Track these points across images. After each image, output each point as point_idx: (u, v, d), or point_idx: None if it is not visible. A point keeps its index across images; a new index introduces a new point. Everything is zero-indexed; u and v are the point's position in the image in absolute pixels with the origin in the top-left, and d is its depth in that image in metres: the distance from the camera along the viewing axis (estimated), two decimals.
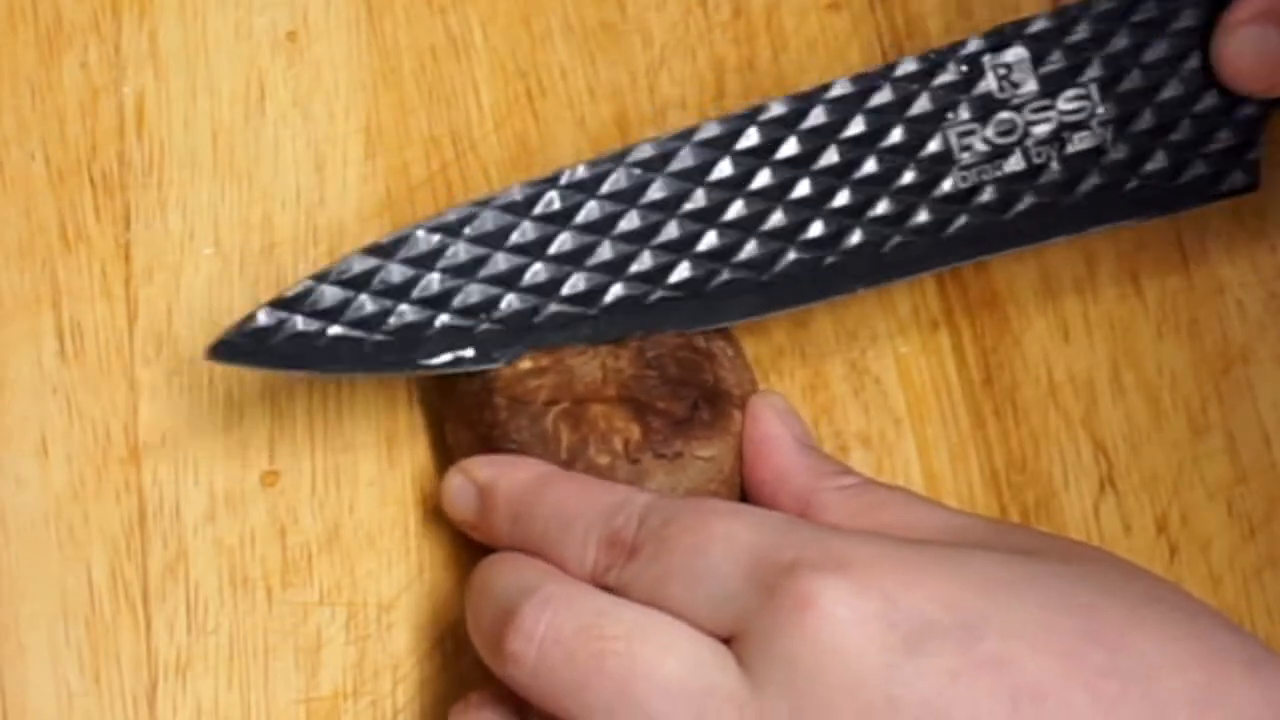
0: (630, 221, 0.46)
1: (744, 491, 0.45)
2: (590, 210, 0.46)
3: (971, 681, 0.37)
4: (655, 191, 0.46)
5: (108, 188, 0.49)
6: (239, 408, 0.48)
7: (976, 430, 0.48)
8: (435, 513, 0.47)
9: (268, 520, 0.47)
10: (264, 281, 0.49)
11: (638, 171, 0.46)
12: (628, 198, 0.46)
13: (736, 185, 0.46)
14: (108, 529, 0.47)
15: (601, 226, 0.46)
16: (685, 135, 0.46)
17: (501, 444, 0.44)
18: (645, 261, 0.46)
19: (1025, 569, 0.40)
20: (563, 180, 0.46)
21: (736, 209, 0.46)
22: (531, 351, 0.45)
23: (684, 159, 0.46)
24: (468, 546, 0.47)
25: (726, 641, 0.39)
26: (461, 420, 0.46)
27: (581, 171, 0.46)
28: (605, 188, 0.46)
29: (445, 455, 0.47)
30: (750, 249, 0.46)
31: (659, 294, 0.46)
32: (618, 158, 0.46)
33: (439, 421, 0.47)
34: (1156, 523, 0.47)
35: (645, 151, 0.46)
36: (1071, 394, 0.48)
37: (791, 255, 0.46)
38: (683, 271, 0.46)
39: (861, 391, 0.48)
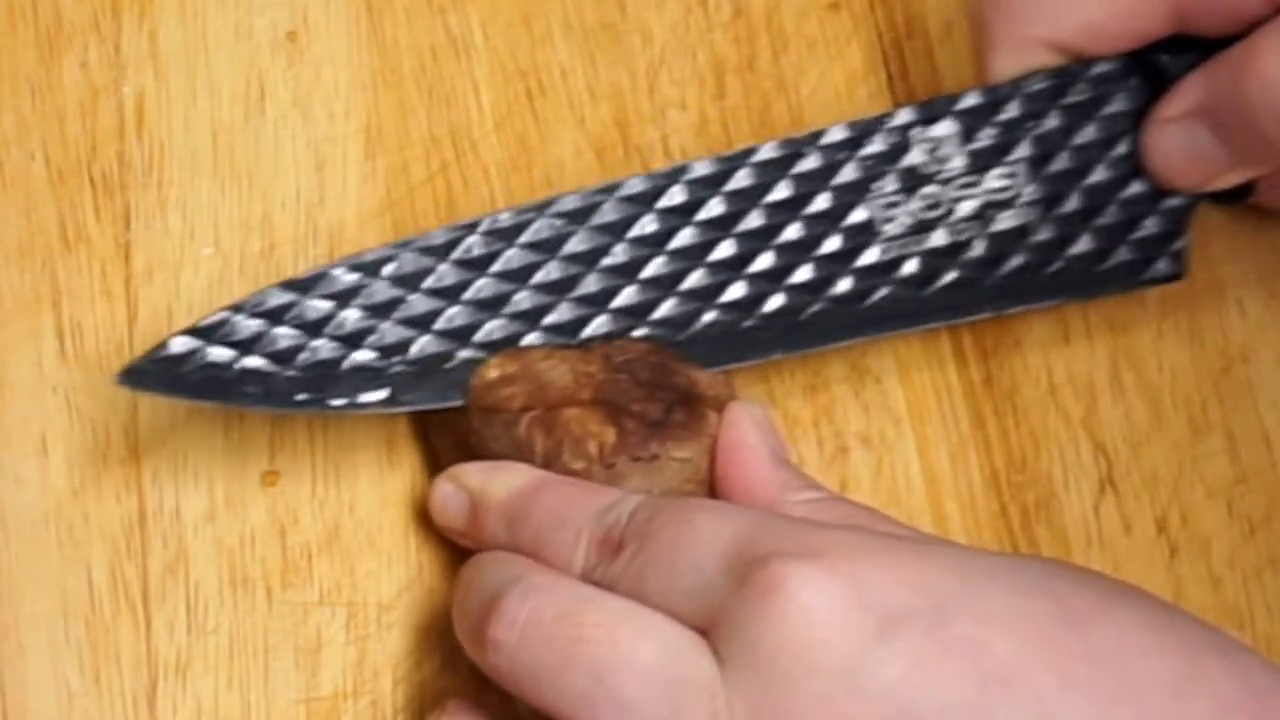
0: (549, 272, 0.46)
1: (713, 495, 0.45)
2: (510, 258, 0.46)
3: (939, 665, 0.37)
4: (576, 244, 0.46)
5: (108, 188, 0.49)
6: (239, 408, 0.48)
7: (976, 430, 0.48)
8: None
9: (268, 520, 0.47)
10: (264, 282, 0.48)
11: (560, 222, 0.46)
12: (549, 248, 0.46)
13: (658, 242, 0.46)
14: (108, 529, 0.47)
15: (521, 275, 0.46)
16: (609, 189, 0.46)
17: (480, 452, 0.45)
18: (563, 313, 0.46)
19: (998, 558, 0.40)
20: (484, 226, 0.46)
21: (657, 266, 0.46)
22: (498, 357, 0.45)
23: (606, 213, 0.46)
24: (467, 547, 0.47)
25: (704, 633, 0.39)
26: (443, 428, 0.46)
27: (504, 218, 0.46)
28: (526, 236, 0.46)
29: (433, 461, 0.47)
30: (668, 307, 0.46)
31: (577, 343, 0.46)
32: (541, 207, 0.46)
33: (425, 429, 0.47)
34: (1156, 523, 0.47)
35: (569, 203, 0.46)
36: (1071, 394, 0.48)
37: (710, 316, 0.46)
38: (600, 325, 0.46)
39: (861, 391, 0.48)
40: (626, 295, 0.46)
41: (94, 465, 0.47)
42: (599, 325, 0.46)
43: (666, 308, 0.46)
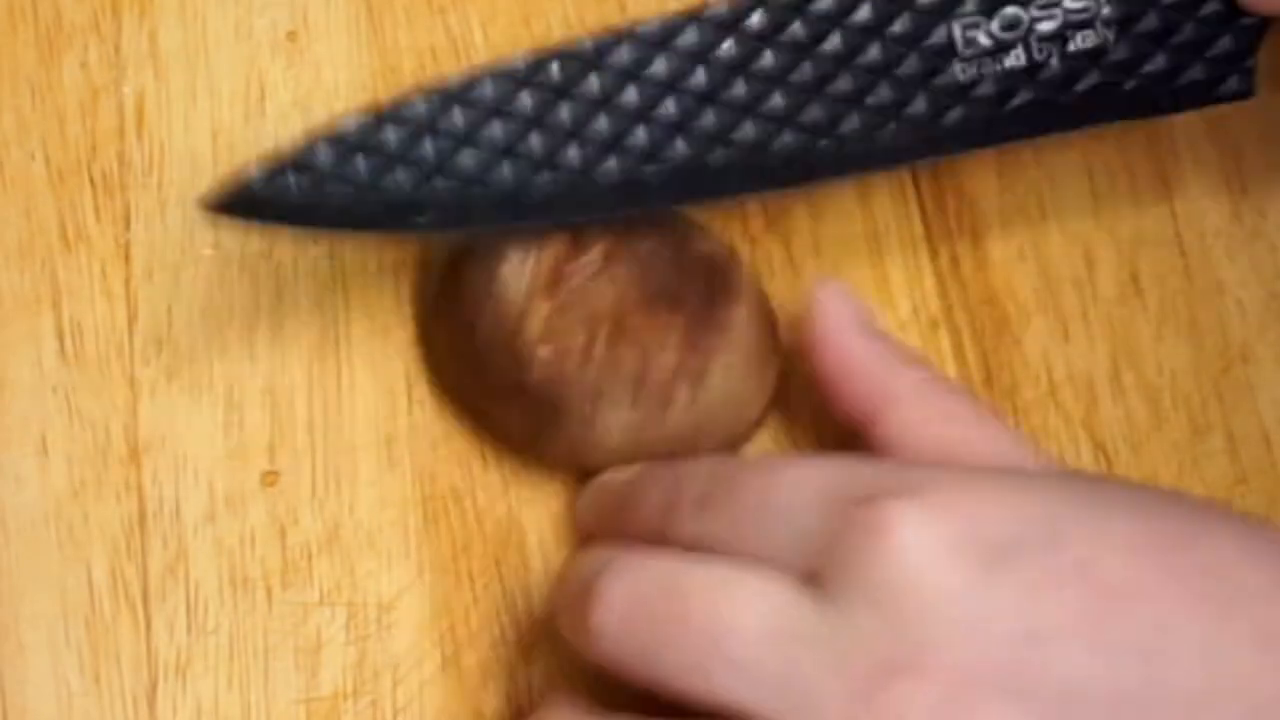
0: (630, 97, 0.45)
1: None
2: (590, 84, 0.45)
3: (1059, 586, 0.38)
4: (657, 68, 0.45)
5: (108, 188, 0.49)
6: (239, 408, 0.48)
7: None
8: (435, 513, 0.47)
9: (268, 520, 0.47)
10: (264, 281, 0.49)
11: (641, 47, 0.45)
12: (629, 73, 0.45)
13: (739, 66, 0.46)
14: (108, 529, 0.47)
15: (601, 101, 0.45)
16: (692, 14, 0.46)
17: (548, 392, 0.45)
18: (641, 138, 0.45)
19: (1093, 485, 0.41)
20: (564, 52, 0.45)
21: (737, 90, 0.46)
22: (531, 288, 0.45)
23: (688, 37, 0.45)
24: (467, 547, 0.47)
25: (809, 579, 0.39)
26: (487, 387, 0.46)
27: (585, 44, 0.45)
28: (608, 61, 0.45)
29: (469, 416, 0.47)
30: (747, 130, 0.46)
31: (654, 170, 0.45)
32: (622, 33, 0.45)
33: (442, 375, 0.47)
34: None
35: (650, 27, 0.45)
36: (1071, 394, 0.48)
37: (788, 138, 0.46)
38: (679, 149, 0.45)
39: None
40: (707, 119, 0.45)
41: (94, 465, 0.47)
42: (679, 150, 0.45)
43: (746, 130, 0.45)
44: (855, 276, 0.49)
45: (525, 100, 0.45)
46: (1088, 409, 0.48)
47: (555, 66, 0.45)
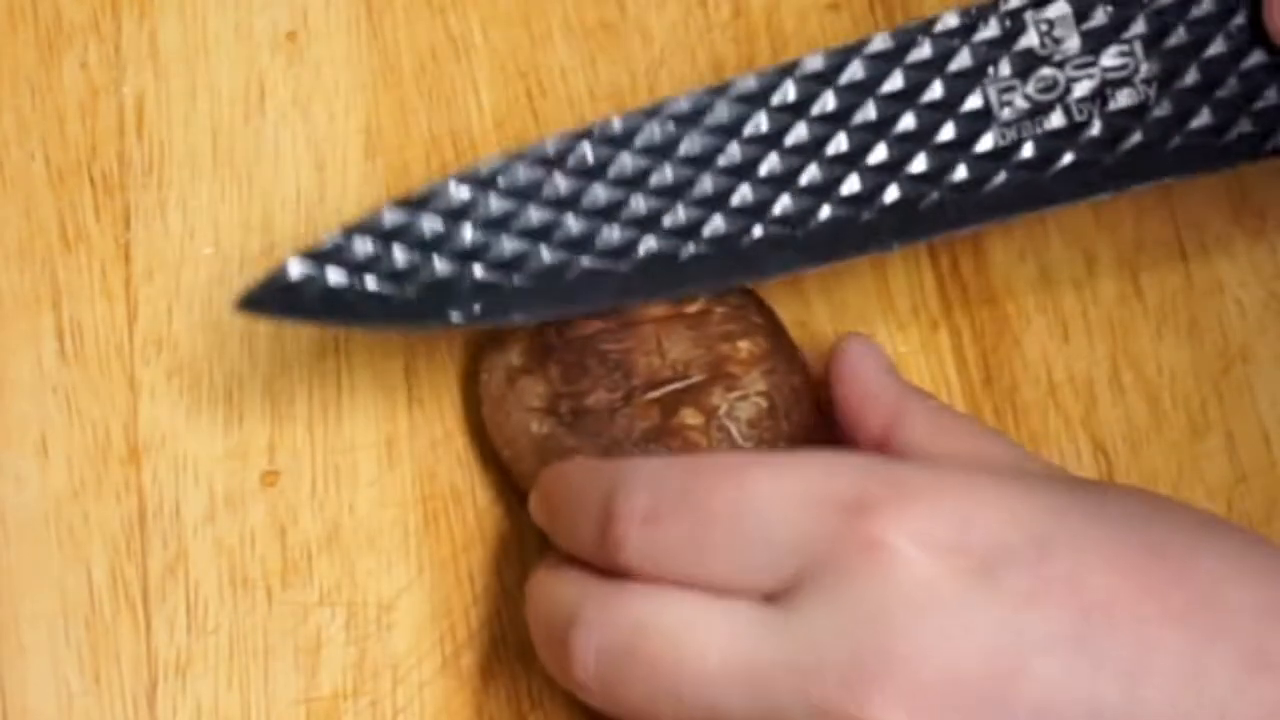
0: (663, 176, 0.45)
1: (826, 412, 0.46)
2: (623, 164, 0.45)
3: (1043, 601, 0.38)
4: (689, 146, 0.45)
5: (108, 188, 0.49)
6: (239, 408, 0.48)
7: None
8: (435, 513, 0.47)
9: (268, 520, 0.47)
10: None
11: (671, 125, 0.45)
12: (661, 151, 0.45)
13: (772, 141, 0.46)
14: (108, 529, 0.47)
15: (634, 180, 0.45)
16: (720, 90, 0.46)
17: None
18: (679, 216, 0.45)
19: (1090, 494, 0.41)
20: (595, 133, 0.45)
21: (771, 164, 0.46)
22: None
23: (719, 113, 0.45)
24: (467, 547, 0.47)
25: (775, 595, 0.39)
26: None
27: (615, 125, 0.45)
28: (639, 141, 0.45)
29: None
30: (784, 204, 0.45)
31: (692, 250, 0.45)
32: (651, 112, 0.45)
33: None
34: None
35: (680, 106, 0.45)
36: (1071, 394, 0.48)
37: (827, 211, 0.45)
38: (716, 227, 0.45)
39: None
40: (742, 195, 0.45)
41: (94, 465, 0.47)
42: (715, 226, 0.45)
43: (783, 205, 0.45)
44: (855, 277, 0.49)
45: (559, 183, 0.45)
46: (1088, 409, 0.48)
47: (586, 148, 0.45)
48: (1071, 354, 0.49)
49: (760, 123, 0.46)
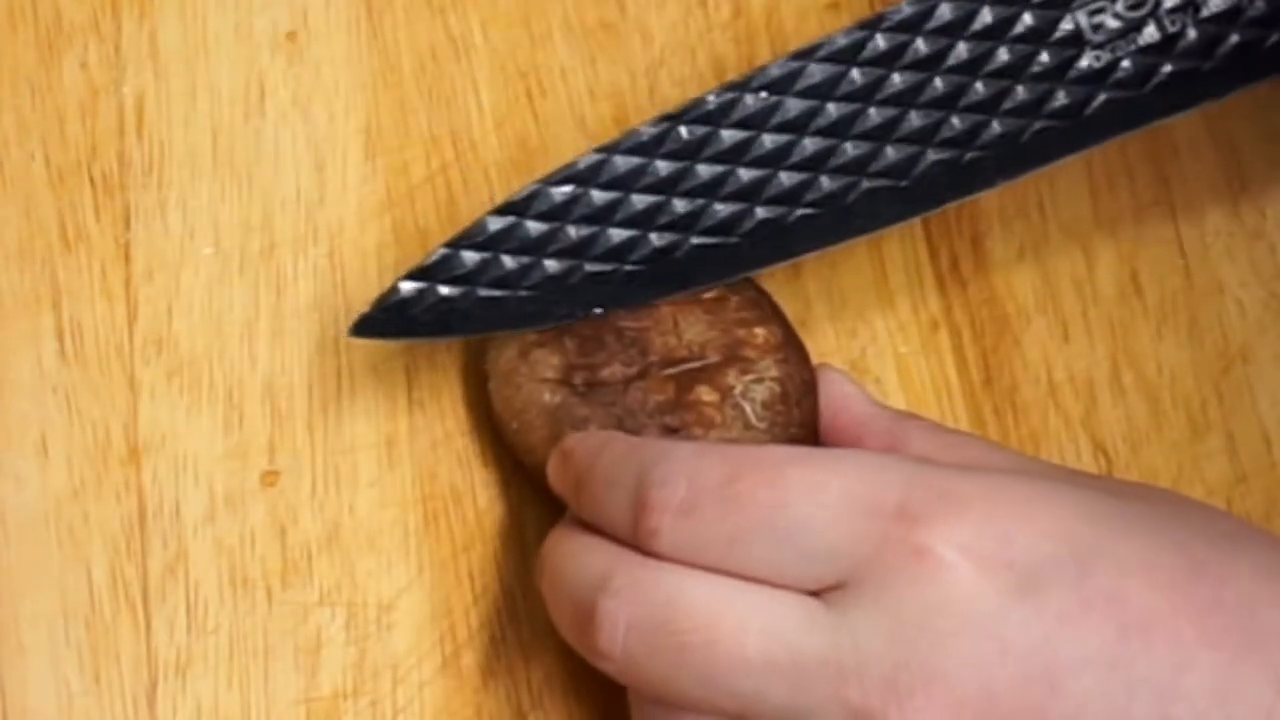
0: (763, 145, 0.45)
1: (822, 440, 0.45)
2: (721, 139, 0.45)
3: (1082, 620, 0.37)
4: (786, 112, 0.45)
5: (108, 188, 0.49)
6: (239, 408, 0.48)
7: (976, 430, 0.48)
8: (435, 513, 0.47)
9: (268, 520, 0.47)
10: (264, 282, 0.49)
11: (765, 95, 0.45)
12: (758, 122, 0.45)
13: (867, 95, 0.46)
14: (108, 529, 0.47)
15: (735, 154, 0.45)
16: (809, 52, 0.46)
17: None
18: (782, 182, 0.45)
19: (1122, 505, 0.40)
20: (691, 114, 0.45)
21: (870, 118, 0.46)
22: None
23: (811, 76, 0.45)
24: (467, 547, 0.47)
25: (820, 593, 0.38)
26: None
27: (710, 100, 0.45)
28: (735, 114, 0.45)
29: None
30: (888, 156, 0.45)
31: (799, 213, 0.45)
32: (744, 83, 0.45)
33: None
34: None
35: (772, 73, 0.45)
36: (1071, 394, 0.48)
37: (931, 156, 0.45)
38: (822, 187, 0.45)
39: None
40: (844, 153, 0.45)
41: (94, 465, 0.47)
42: (820, 187, 0.45)
43: (886, 157, 0.45)
44: (855, 277, 0.49)
45: (659, 168, 0.45)
46: (1088, 409, 0.48)
47: (683, 129, 0.45)
48: (1071, 354, 0.49)
49: (854, 79, 0.45)
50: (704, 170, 0.45)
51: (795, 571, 0.38)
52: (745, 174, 0.45)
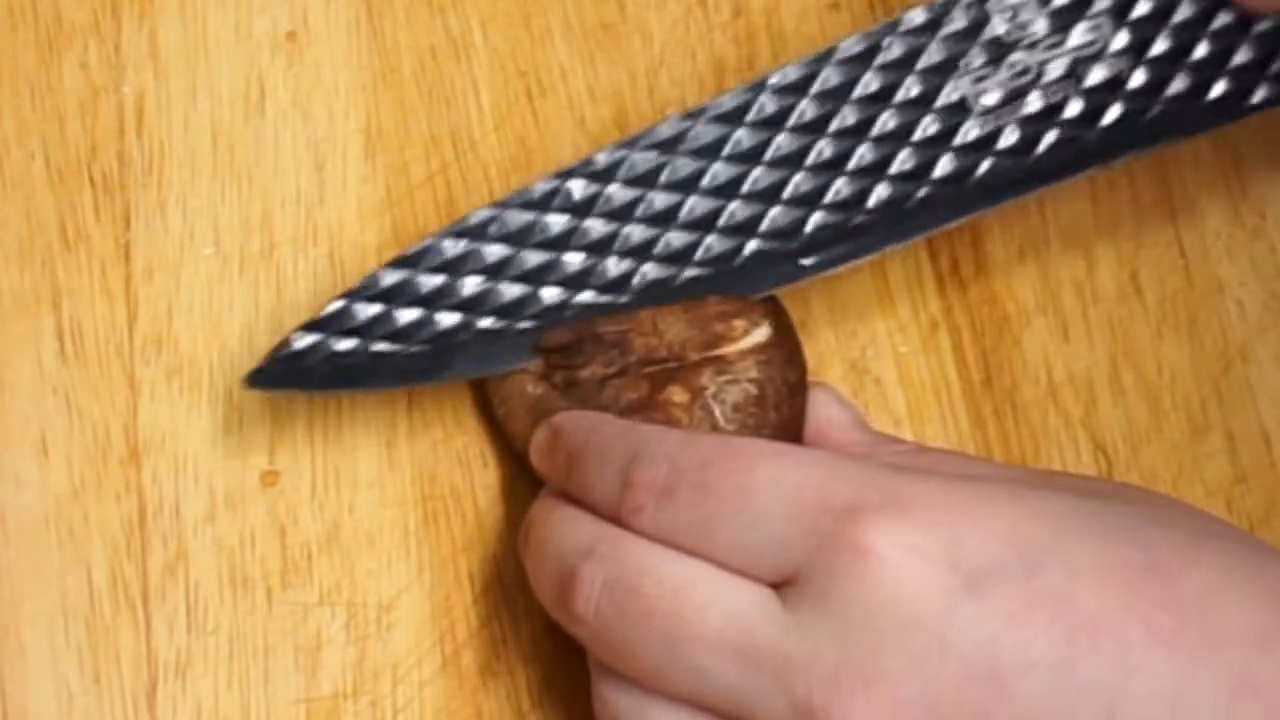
0: (651, 204, 0.46)
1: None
2: (611, 196, 0.46)
3: (1027, 621, 0.37)
4: (673, 171, 0.46)
5: (108, 188, 0.49)
6: (239, 408, 0.48)
7: (976, 430, 0.48)
8: (435, 513, 0.47)
9: (268, 520, 0.47)
10: (264, 281, 0.49)
11: (653, 153, 0.46)
12: (647, 181, 0.46)
13: (754, 156, 0.46)
14: (108, 529, 0.47)
15: (625, 211, 0.46)
16: (696, 113, 0.46)
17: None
18: (671, 243, 0.46)
19: (1086, 504, 0.40)
20: (580, 170, 0.46)
21: (756, 179, 0.46)
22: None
23: (699, 136, 0.46)
24: (467, 547, 0.47)
25: (777, 585, 0.39)
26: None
27: (600, 159, 0.46)
28: (623, 172, 0.46)
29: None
30: (774, 216, 0.46)
31: (688, 273, 0.46)
32: (632, 142, 0.46)
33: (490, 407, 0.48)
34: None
35: (661, 133, 0.46)
36: (1071, 394, 0.48)
37: (818, 218, 0.46)
38: (710, 246, 0.46)
39: (861, 392, 0.48)
40: (731, 213, 0.46)
41: (94, 465, 0.47)
42: (708, 247, 0.46)
43: (773, 217, 0.46)
44: (855, 277, 0.49)
45: (551, 223, 0.46)
46: (1087, 409, 0.48)
47: (574, 187, 0.46)
48: (1071, 354, 0.49)
49: (741, 140, 0.46)
50: (594, 227, 0.45)
51: (757, 561, 0.39)
52: (633, 231, 0.46)
